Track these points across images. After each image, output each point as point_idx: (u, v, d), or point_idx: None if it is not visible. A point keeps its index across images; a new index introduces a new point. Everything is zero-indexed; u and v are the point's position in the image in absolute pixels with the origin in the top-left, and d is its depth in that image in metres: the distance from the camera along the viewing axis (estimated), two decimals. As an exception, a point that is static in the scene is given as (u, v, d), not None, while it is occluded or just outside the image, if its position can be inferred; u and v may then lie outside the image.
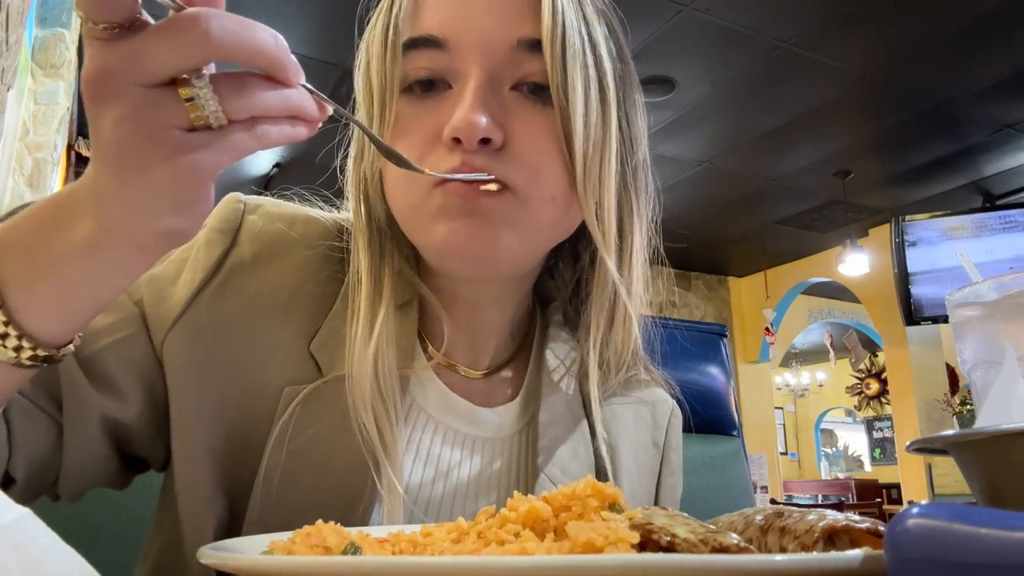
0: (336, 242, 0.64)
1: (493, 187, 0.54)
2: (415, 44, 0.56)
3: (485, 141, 0.53)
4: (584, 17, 0.57)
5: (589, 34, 0.56)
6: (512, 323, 0.69)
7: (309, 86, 0.40)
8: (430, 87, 0.56)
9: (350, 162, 0.65)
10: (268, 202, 0.64)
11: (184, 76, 0.35)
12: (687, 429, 1.15)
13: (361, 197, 0.63)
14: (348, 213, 0.66)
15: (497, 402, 0.67)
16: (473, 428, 0.64)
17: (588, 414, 0.67)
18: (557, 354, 0.68)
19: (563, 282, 0.70)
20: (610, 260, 0.61)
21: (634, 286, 0.65)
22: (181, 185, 0.36)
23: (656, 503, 0.72)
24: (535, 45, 0.54)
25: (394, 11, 0.57)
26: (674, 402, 0.76)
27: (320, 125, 0.42)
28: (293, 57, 0.38)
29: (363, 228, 0.62)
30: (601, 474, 0.66)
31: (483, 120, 0.52)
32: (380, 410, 0.57)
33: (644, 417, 0.72)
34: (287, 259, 0.61)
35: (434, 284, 0.64)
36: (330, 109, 0.41)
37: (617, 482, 0.66)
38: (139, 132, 0.35)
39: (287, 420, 0.56)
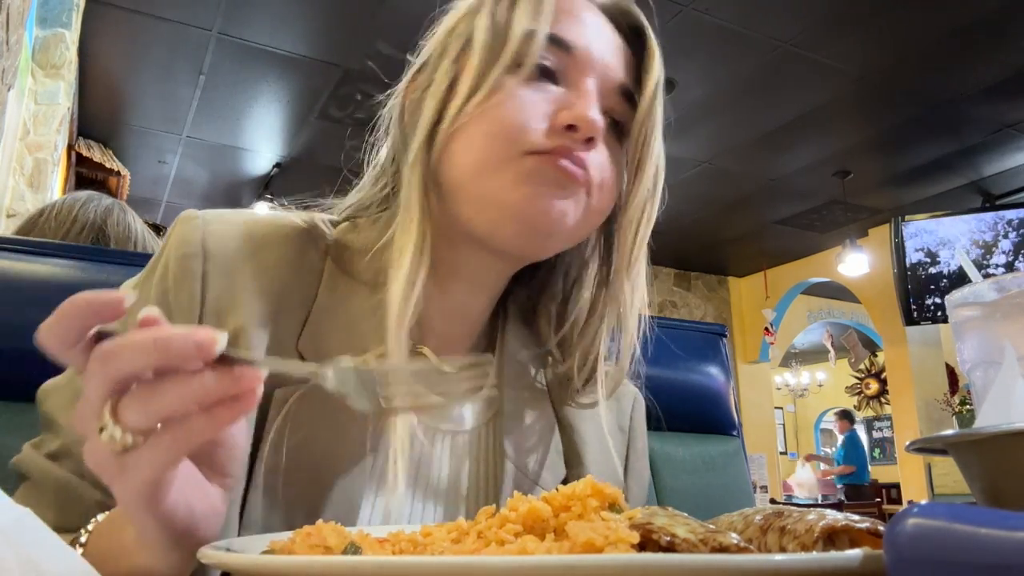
0: (307, 237, 0.64)
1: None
2: (556, 41, 0.60)
3: (590, 140, 0.58)
4: (664, 80, 0.64)
5: (662, 97, 0.64)
6: (486, 313, 0.70)
7: (230, 354, 0.37)
8: (546, 75, 0.60)
9: (420, 111, 0.61)
10: (222, 211, 0.63)
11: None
12: (687, 429, 1.16)
13: (425, 147, 0.60)
14: (303, 213, 0.67)
15: (464, 395, 0.67)
16: (443, 423, 0.65)
17: (552, 401, 0.69)
18: (515, 347, 0.70)
19: (523, 281, 0.73)
20: (626, 275, 0.65)
21: (624, 299, 0.67)
22: (136, 492, 0.38)
23: (625, 490, 0.73)
24: (628, 95, 0.62)
25: (544, 5, 0.60)
26: (636, 390, 0.78)
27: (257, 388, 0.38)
28: (186, 342, 0.36)
29: (419, 183, 0.60)
30: (569, 460, 0.67)
31: (601, 120, 0.58)
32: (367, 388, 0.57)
33: (609, 404, 0.74)
34: (262, 259, 0.61)
35: (438, 259, 0.63)
36: (263, 372, 0.38)
37: (584, 467, 0.67)
38: (92, 463, 0.39)
39: (282, 423, 0.56)
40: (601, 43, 0.62)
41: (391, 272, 0.58)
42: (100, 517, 0.49)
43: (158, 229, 3.37)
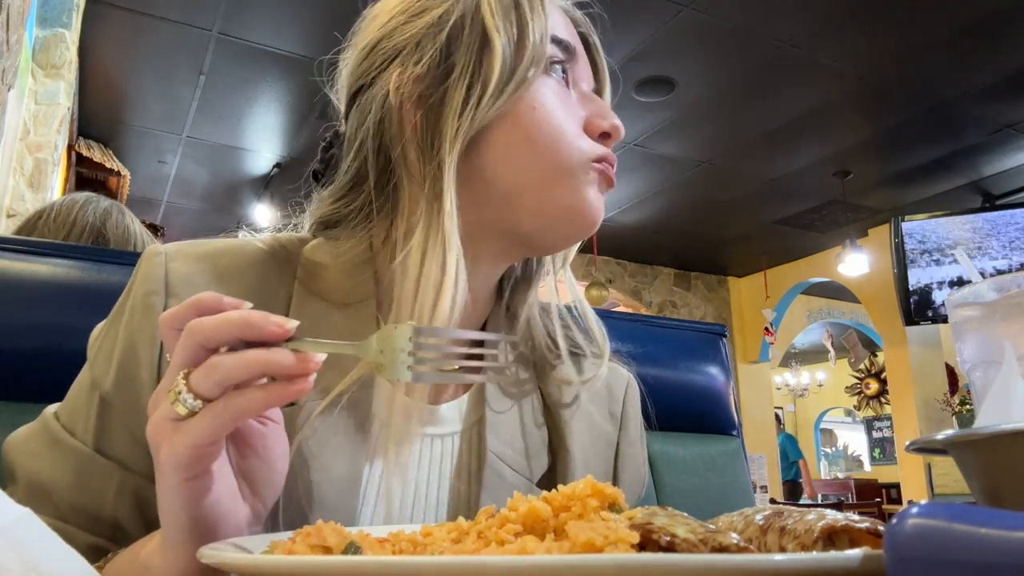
0: (272, 262, 0.63)
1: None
2: (559, 43, 0.64)
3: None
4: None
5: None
6: (491, 299, 0.70)
7: (302, 346, 0.43)
8: (563, 74, 0.65)
9: (448, 128, 0.59)
10: (186, 245, 0.63)
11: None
12: (687, 429, 1.16)
13: (451, 143, 0.59)
14: (266, 235, 0.67)
15: (453, 395, 0.67)
16: (428, 426, 0.65)
17: (539, 388, 0.70)
18: (504, 329, 0.70)
19: (508, 279, 0.75)
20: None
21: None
22: (182, 455, 0.41)
23: (615, 474, 0.72)
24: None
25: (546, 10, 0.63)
26: (630, 375, 0.78)
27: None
28: (271, 319, 0.42)
29: (452, 197, 0.59)
30: (554, 450, 0.67)
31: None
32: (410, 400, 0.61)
33: (598, 391, 0.74)
34: (225, 291, 0.58)
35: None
36: (320, 357, 0.43)
37: (569, 454, 0.67)
38: (151, 431, 0.43)
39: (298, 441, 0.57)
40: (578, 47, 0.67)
41: (428, 254, 0.57)
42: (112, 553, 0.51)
43: (156, 230, 3.37)
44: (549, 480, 0.66)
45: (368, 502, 0.60)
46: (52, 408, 0.60)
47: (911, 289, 5.68)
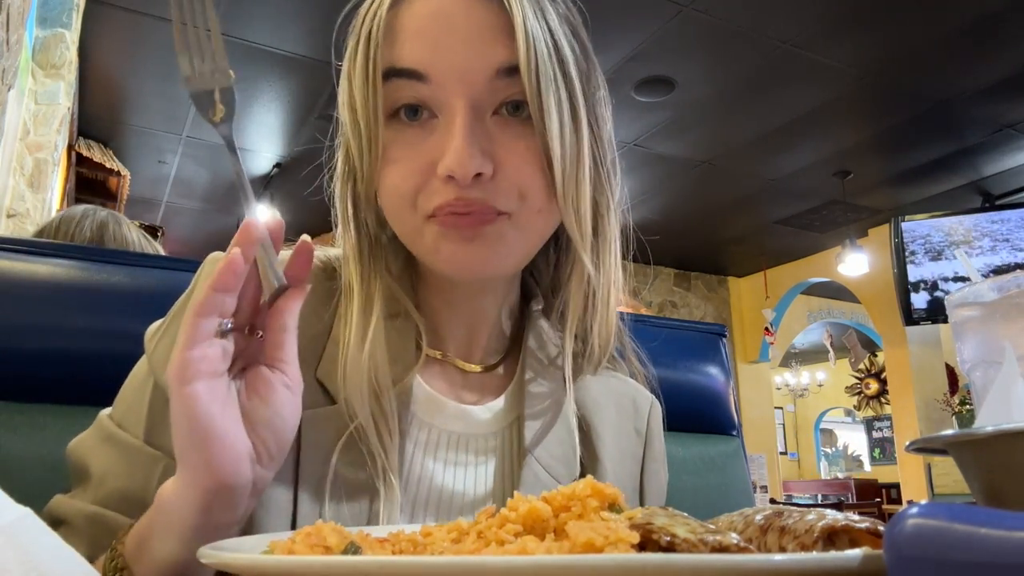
0: (323, 275, 0.67)
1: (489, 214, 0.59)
2: (397, 74, 0.58)
3: (478, 175, 0.56)
4: (551, 34, 0.59)
5: (558, 51, 0.59)
6: (503, 315, 0.71)
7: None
8: (415, 113, 0.59)
9: (336, 182, 0.67)
10: None
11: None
12: (687, 429, 1.16)
13: (348, 213, 0.65)
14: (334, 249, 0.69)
15: (491, 397, 0.69)
16: (464, 427, 0.66)
17: (575, 398, 0.70)
18: (539, 342, 0.71)
19: (540, 275, 0.74)
20: (586, 256, 0.64)
21: (612, 276, 0.68)
22: (175, 364, 0.47)
23: (641, 488, 0.74)
24: (512, 71, 0.57)
25: (372, 42, 0.59)
26: (653, 396, 0.79)
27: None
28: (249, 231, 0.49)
29: (353, 242, 0.65)
30: (586, 459, 0.68)
31: (475, 159, 0.55)
32: (378, 414, 0.59)
33: (626, 408, 0.75)
34: None
35: (433, 282, 0.67)
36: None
37: (600, 464, 0.68)
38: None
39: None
40: (455, 40, 0.57)
41: (344, 316, 0.63)
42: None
43: (155, 231, 3.36)
44: None
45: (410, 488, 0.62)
46: (105, 411, 0.63)
47: (912, 283, 5.68)
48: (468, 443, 0.66)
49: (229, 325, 0.49)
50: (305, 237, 0.54)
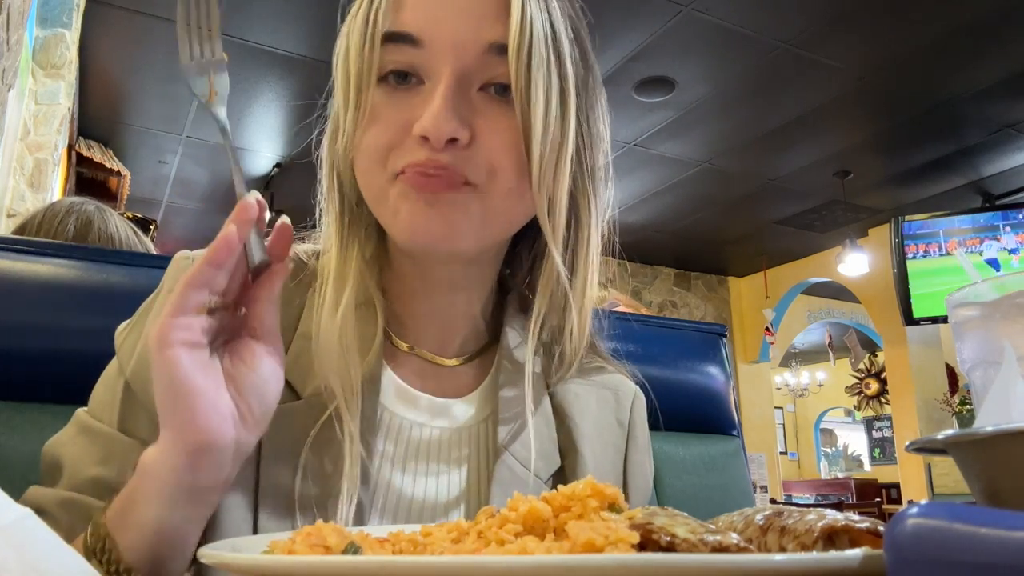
0: (294, 267, 0.66)
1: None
2: (392, 38, 0.59)
3: (452, 140, 0.56)
4: (551, 24, 0.59)
5: (555, 41, 0.59)
6: (478, 311, 0.70)
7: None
8: (404, 79, 0.59)
9: (324, 142, 0.67)
10: None
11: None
12: (687, 429, 1.16)
13: (334, 176, 0.66)
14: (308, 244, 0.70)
15: (465, 392, 0.69)
16: (437, 420, 0.66)
17: (549, 390, 0.70)
18: (515, 340, 0.71)
19: (518, 270, 0.74)
20: (556, 251, 0.63)
21: (588, 278, 0.67)
22: (154, 329, 0.48)
23: (625, 480, 0.73)
24: (503, 49, 0.57)
25: (375, 3, 0.59)
26: (637, 387, 0.78)
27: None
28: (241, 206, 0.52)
29: (335, 206, 0.66)
30: (565, 451, 0.68)
31: (451, 122, 0.55)
32: (345, 375, 0.60)
33: (607, 400, 0.74)
34: None
35: (403, 269, 0.67)
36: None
37: (580, 456, 0.68)
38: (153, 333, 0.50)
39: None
40: (454, 11, 0.57)
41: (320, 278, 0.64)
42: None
43: (146, 224, 3.34)
44: (559, 480, 0.67)
45: (379, 490, 0.62)
46: (82, 409, 0.63)
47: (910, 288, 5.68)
48: (440, 447, 0.65)
49: (216, 302, 0.50)
50: (284, 218, 0.55)
